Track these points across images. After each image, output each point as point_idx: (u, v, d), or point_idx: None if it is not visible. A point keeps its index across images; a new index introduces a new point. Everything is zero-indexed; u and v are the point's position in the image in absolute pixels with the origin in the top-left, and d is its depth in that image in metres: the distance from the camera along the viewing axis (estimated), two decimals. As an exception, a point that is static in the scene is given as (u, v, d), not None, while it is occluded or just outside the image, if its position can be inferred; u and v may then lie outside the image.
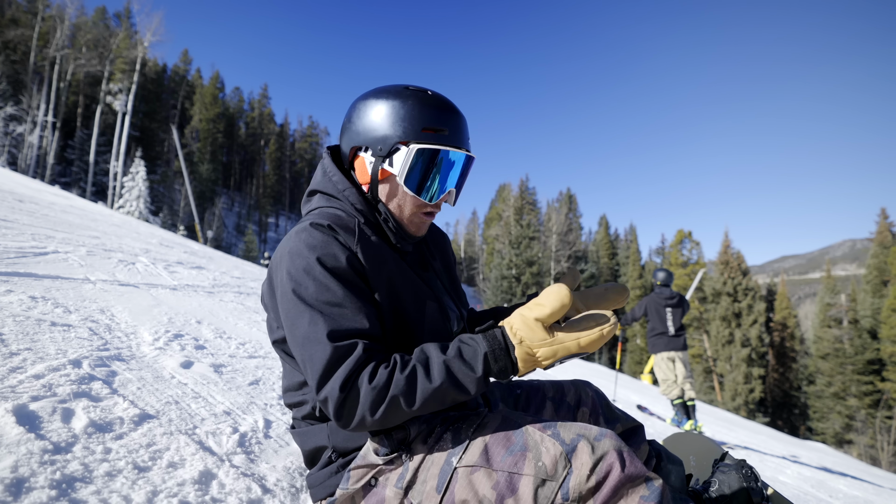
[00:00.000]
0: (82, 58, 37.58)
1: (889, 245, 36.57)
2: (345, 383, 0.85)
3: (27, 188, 9.95)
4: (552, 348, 0.87)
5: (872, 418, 31.68)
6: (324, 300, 0.91)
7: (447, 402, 0.89)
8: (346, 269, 0.94)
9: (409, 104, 1.00)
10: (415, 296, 1.04)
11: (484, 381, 0.89)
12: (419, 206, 1.05)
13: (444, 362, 0.88)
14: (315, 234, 0.95)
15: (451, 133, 1.01)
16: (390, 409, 0.85)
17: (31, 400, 1.20)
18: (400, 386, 0.85)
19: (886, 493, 5.85)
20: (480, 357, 0.88)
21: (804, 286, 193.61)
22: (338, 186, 1.08)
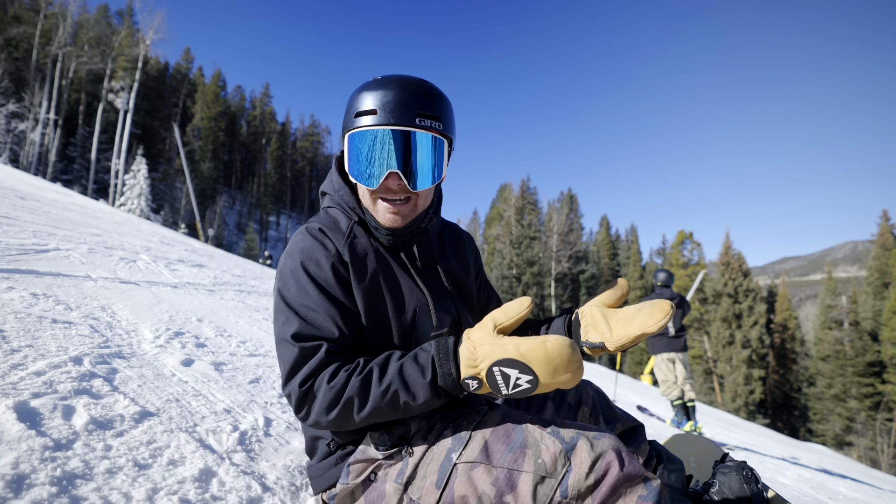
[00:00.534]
0: (84, 55, 37.62)
1: (890, 247, 36.50)
2: (304, 381, 0.90)
3: (29, 185, 9.97)
4: (490, 346, 0.84)
5: (873, 420, 31.63)
6: (300, 302, 0.96)
7: (399, 408, 0.89)
8: (327, 275, 0.98)
9: (353, 95, 1.01)
10: (400, 298, 1.04)
11: (433, 389, 0.87)
12: (372, 194, 1.03)
13: (398, 366, 0.89)
14: (306, 239, 1.01)
15: (382, 111, 0.95)
16: (345, 411, 0.88)
17: (32, 397, 1.20)
18: (355, 387, 0.88)
19: (886, 495, 5.84)
20: (430, 361, 0.88)
21: (805, 288, 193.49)
22: (334, 186, 1.11)
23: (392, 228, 1.05)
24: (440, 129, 0.98)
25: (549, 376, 0.81)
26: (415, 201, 1.03)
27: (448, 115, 1.02)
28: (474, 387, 0.86)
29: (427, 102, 0.97)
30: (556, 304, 42.42)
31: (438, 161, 1.00)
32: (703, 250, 40.80)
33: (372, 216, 1.05)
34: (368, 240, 1.07)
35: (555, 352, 0.80)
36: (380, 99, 0.95)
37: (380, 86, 0.97)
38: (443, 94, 1.02)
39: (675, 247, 42.10)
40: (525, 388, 0.83)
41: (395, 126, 0.95)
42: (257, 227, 57.95)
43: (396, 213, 1.02)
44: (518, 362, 0.82)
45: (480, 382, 0.85)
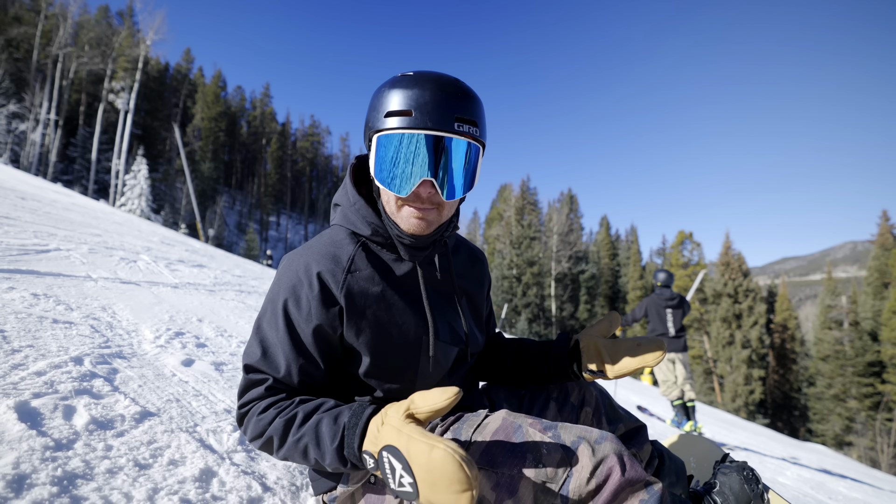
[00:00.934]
0: (85, 56, 37.62)
1: (890, 247, 36.48)
2: (241, 406, 0.96)
3: (29, 186, 9.97)
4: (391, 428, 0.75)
5: (872, 420, 31.61)
6: (267, 335, 0.97)
7: (310, 460, 0.88)
8: (303, 316, 0.95)
9: (381, 91, 0.92)
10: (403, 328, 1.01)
11: (339, 456, 0.83)
12: (399, 201, 0.95)
13: (317, 420, 0.88)
14: (297, 273, 0.97)
15: (418, 114, 0.87)
16: (266, 445, 0.92)
17: (33, 397, 1.20)
18: (277, 429, 0.90)
19: (886, 495, 5.84)
20: (342, 428, 0.84)
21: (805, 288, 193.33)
22: (350, 199, 1.05)
23: (416, 235, 0.98)
24: (476, 135, 0.91)
25: (427, 488, 0.69)
26: (440, 210, 0.97)
27: (483, 118, 0.95)
28: (370, 465, 0.79)
29: (465, 105, 0.89)
30: (556, 304, 42.40)
31: (472, 169, 0.93)
32: (703, 250, 40.80)
33: (395, 223, 0.98)
34: (372, 269, 1.00)
35: (438, 462, 0.67)
36: (414, 99, 0.87)
37: (414, 84, 0.89)
38: (478, 96, 0.95)
39: (674, 247, 42.08)
40: (408, 491, 0.72)
41: (433, 131, 0.87)
42: (257, 227, 57.93)
43: (422, 218, 0.95)
44: (404, 458, 0.71)
45: (376, 462, 0.77)
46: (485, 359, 1.32)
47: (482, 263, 1.29)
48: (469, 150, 0.91)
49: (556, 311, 42.21)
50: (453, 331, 1.09)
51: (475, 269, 1.25)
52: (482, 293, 1.26)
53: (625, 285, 50.04)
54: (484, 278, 1.27)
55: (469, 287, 1.20)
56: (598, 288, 47.32)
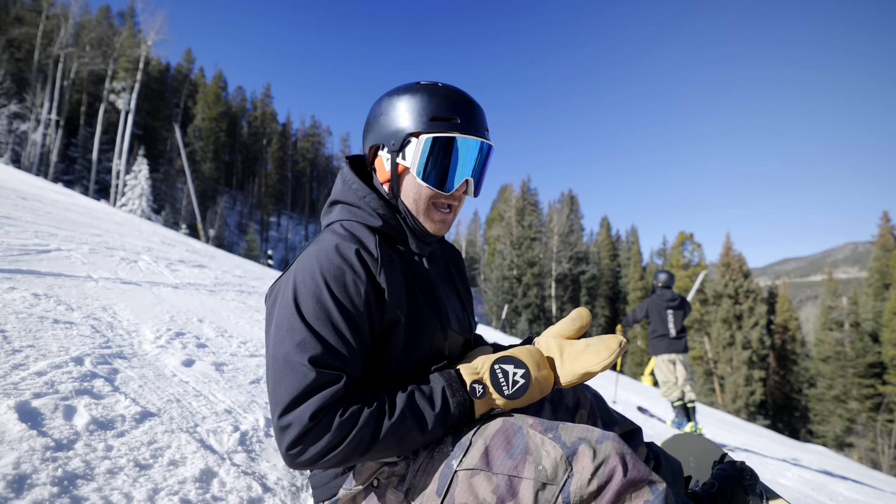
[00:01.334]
0: (86, 56, 37.64)
1: (891, 248, 36.44)
2: (316, 413, 0.82)
3: (30, 186, 9.98)
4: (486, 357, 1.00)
5: (873, 422, 31.56)
6: (323, 326, 0.88)
7: (405, 441, 0.89)
8: (354, 301, 0.91)
9: (419, 96, 1.01)
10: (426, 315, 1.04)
11: (443, 419, 0.91)
12: (434, 198, 1.03)
13: (406, 398, 0.90)
14: (333, 260, 0.92)
15: (463, 121, 0.99)
16: (352, 446, 0.83)
17: (34, 397, 1.20)
18: (370, 421, 0.85)
19: (887, 496, 5.83)
20: (439, 392, 0.92)
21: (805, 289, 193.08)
22: (358, 194, 1.06)
23: (436, 236, 1.09)
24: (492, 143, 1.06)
25: (535, 368, 0.97)
26: (456, 210, 1.08)
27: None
28: (479, 392, 0.94)
29: (484, 116, 1.05)
30: (557, 305, 42.38)
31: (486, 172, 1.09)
32: (704, 251, 40.82)
33: (417, 221, 1.06)
34: (394, 256, 1.02)
35: (535, 350, 1.00)
36: (456, 108, 1.00)
37: (451, 94, 1.01)
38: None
39: (675, 248, 42.06)
40: (521, 383, 0.95)
41: (478, 137, 1.01)
42: (258, 227, 57.94)
43: (444, 220, 1.07)
44: (512, 357, 0.97)
45: (485, 387, 0.95)
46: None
47: (461, 258, 1.35)
48: (490, 156, 1.06)
49: (556, 311, 42.18)
50: (460, 320, 1.15)
51: (458, 264, 1.31)
52: (465, 280, 1.31)
53: (625, 286, 50.01)
54: (463, 266, 1.34)
55: (463, 280, 1.27)
56: (599, 289, 47.31)
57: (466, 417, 0.94)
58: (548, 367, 0.99)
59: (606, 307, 48.47)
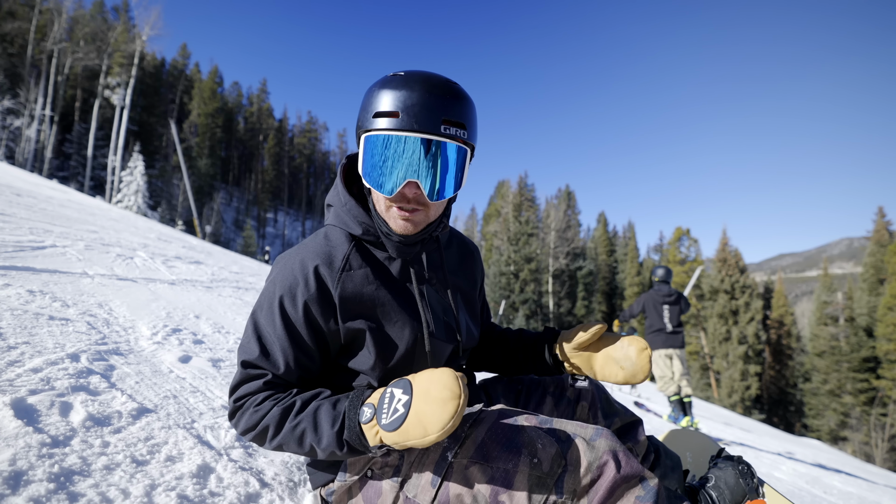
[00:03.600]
0: (80, 51, 37.32)
1: (886, 243, 36.63)
2: (237, 399, 0.96)
3: (25, 182, 9.91)
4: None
5: (867, 415, 31.83)
6: (265, 331, 0.97)
7: (305, 447, 0.89)
8: (299, 315, 0.95)
9: (374, 90, 0.92)
10: (399, 325, 1.01)
11: (337, 440, 0.85)
12: (387, 201, 0.96)
13: (315, 406, 0.90)
14: (294, 273, 0.97)
15: (405, 115, 0.87)
16: (260, 436, 0.92)
17: (29, 393, 1.20)
18: (274, 417, 0.90)
19: (880, 489, 5.89)
20: (342, 412, 0.87)
21: (801, 284, 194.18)
22: (340, 199, 1.06)
23: (404, 235, 0.99)
24: (464, 138, 0.91)
25: (421, 399, 0.77)
26: (426, 211, 0.97)
27: (473, 120, 0.94)
28: (365, 415, 0.82)
29: (452, 107, 0.89)
30: (554, 301, 42.47)
31: (459, 171, 0.93)
32: (700, 247, 40.92)
33: (384, 222, 0.99)
34: (366, 268, 1.01)
35: (437, 374, 0.78)
36: (402, 100, 0.88)
37: (403, 85, 0.89)
38: (468, 97, 0.95)
39: (672, 243, 42.18)
40: (400, 413, 0.78)
41: (418, 133, 0.88)
42: (255, 223, 57.80)
43: (408, 219, 0.96)
44: (406, 381, 0.82)
45: (374, 410, 0.82)
46: (478, 350, 1.34)
47: (474, 257, 1.28)
48: (454, 152, 0.91)
49: (553, 307, 42.28)
50: (448, 327, 1.10)
51: (466, 263, 1.25)
52: (475, 287, 1.26)
53: (622, 282, 50.16)
54: (476, 272, 1.28)
55: (461, 282, 1.20)
56: (596, 284, 47.42)
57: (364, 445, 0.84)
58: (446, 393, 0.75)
59: (603, 303, 48.62)
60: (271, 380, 0.95)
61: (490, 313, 1.40)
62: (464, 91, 0.94)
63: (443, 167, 0.91)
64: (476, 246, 1.33)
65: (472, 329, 1.19)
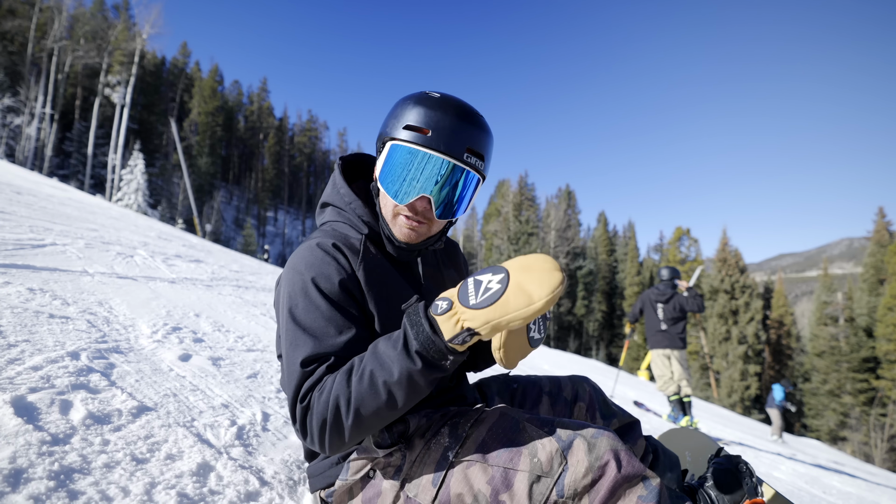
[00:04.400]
0: (80, 49, 37.27)
1: (886, 244, 36.63)
2: (303, 397, 0.87)
3: (25, 180, 9.91)
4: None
5: (867, 416, 31.85)
6: (310, 319, 0.93)
7: (380, 393, 0.81)
8: (338, 290, 0.95)
9: (407, 102, 0.97)
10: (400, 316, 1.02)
11: (406, 356, 0.79)
12: (394, 208, 0.99)
13: (373, 346, 0.86)
14: (316, 254, 0.98)
15: (435, 135, 0.92)
16: (335, 416, 0.83)
17: (30, 391, 1.20)
18: (340, 384, 0.83)
19: (879, 489, 5.89)
20: (401, 331, 0.83)
21: (801, 284, 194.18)
22: (345, 199, 1.08)
23: (406, 243, 1.02)
24: (481, 169, 0.98)
25: (520, 271, 0.75)
26: (430, 225, 1.01)
27: (491, 153, 1.00)
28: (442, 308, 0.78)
29: (477, 139, 0.95)
30: (554, 300, 42.41)
31: (467, 199, 0.99)
32: (700, 246, 40.98)
33: (388, 227, 1.03)
34: (380, 255, 1.06)
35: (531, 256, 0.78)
36: (434, 120, 0.93)
37: (437, 106, 0.94)
38: (491, 132, 1.01)
39: (672, 243, 42.22)
40: (495, 289, 0.75)
41: (444, 155, 0.92)
42: (255, 222, 57.78)
43: (413, 229, 1.00)
44: (493, 266, 0.80)
45: (450, 302, 0.78)
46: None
47: (457, 250, 1.33)
48: (469, 181, 0.97)
49: (553, 307, 42.25)
50: None
51: (454, 257, 1.30)
52: (462, 276, 1.30)
53: (622, 281, 50.15)
54: (459, 261, 1.32)
55: (455, 276, 1.25)
56: (596, 284, 47.44)
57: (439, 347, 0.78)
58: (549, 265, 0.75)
59: (603, 302, 48.62)
60: (333, 363, 0.89)
61: None
62: (488, 125, 1.00)
63: (456, 191, 0.96)
64: (455, 242, 1.37)
65: None
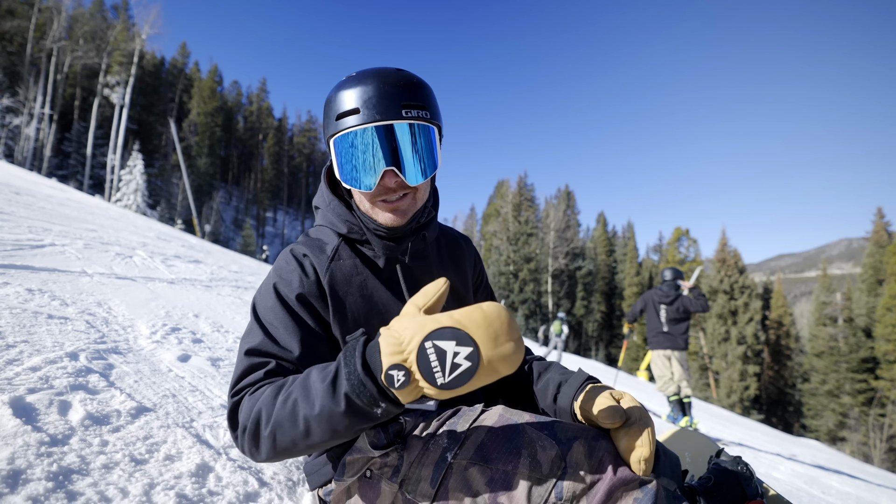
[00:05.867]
0: (79, 50, 37.26)
1: (885, 244, 36.69)
2: (235, 393, 0.87)
3: (24, 181, 9.90)
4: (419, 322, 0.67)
5: (866, 416, 31.89)
6: (267, 318, 0.95)
7: (299, 423, 0.76)
8: (296, 301, 0.96)
9: (330, 96, 0.96)
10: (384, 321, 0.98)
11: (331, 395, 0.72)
12: (370, 197, 0.98)
13: (307, 372, 0.80)
14: (288, 259, 1.01)
15: (365, 109, 0.90)
16: (255, 427, 0.80)
17: (28, 392, 1.19)
18: (266, 399, 0.80)
19: (878, 490, 5.90)
20: (335, 365, 0.75)
21: (800, 284, 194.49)
22: (325, 200, 1.09)
23: (395, 227, 1.00)
24: (427, 118, 0.94)
25: (490, 345, 0.64)
26: (413, 195, 0.99)
27: (432, 101, 0.97)
28: (400, 380, 0.66)
29: (410, 92, 0.93)
30: (553, 301, 42.48)
31: (431, 150, 0.96)
32: (700, 247, 41.06)
33: (371, 219, 1.01)
34: (356, 260, 1.04)
35: (493, 314, 0.66)
36: (360, 96, 0.91)
37: (358, 82, 0.92)
38: (424, 82, 0.98)
39: (671, 243, 42.28)
40: (465, 367, 0.64)
41: (382, 122, 0.90)
42: (254, 222, 57.77)
43: (396, 209, 0.98)
44: (454, 329, 0.65)
45: (408, 372, 0.66)
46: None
47: (462, 250, 1.25)
48: (422, 132, 0.94)
49: (552, 307, 42.31)
50: None
51: (456, 258, 1.23)
52: (468, 285, 1.22)
53: (621, 282, 50.19)
54: (467, 266, 1.23)
55: (452, 281, 1.17)
56: (595, 284, 47.46)
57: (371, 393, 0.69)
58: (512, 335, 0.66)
59: (602, 303, 48.66)
60: (274, 369, 0.89)
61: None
62: (417, 76, 0.97)
63: (414, 149, 0.93)
64: (466, 237, 1.31)
65: None
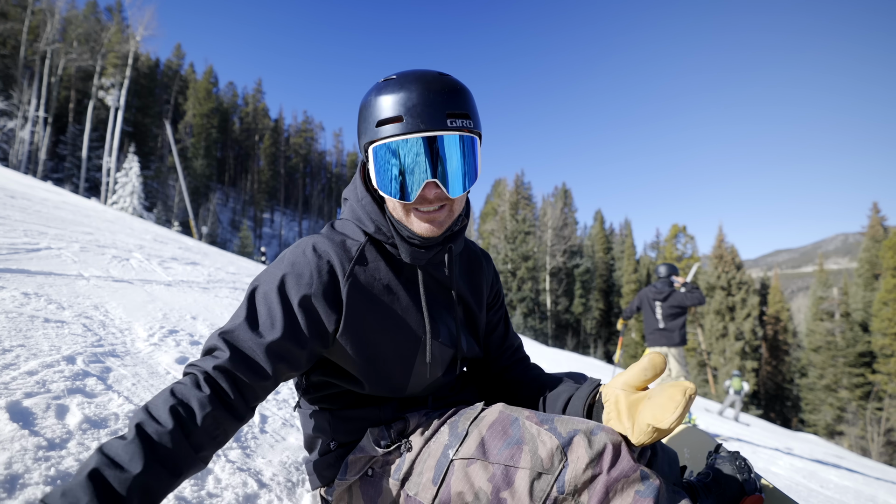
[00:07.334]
0: (73, 52, 37.06)
1: (881, 239, 36.84)
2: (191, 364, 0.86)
3: (19, 184, 9.85)
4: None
5: (863, 410, 32.05)
6: (257, 301, 0.91)
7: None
8: (300, 298, 0.91)
9: (370, 98, 0.91)
10: (402, 328, 0.99)
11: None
12: (406, 207, 0.94)
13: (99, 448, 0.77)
14: (307, 252, 0.95)
15: (409, 117, 0.86)
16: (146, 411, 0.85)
17: (25, 396, 1.19)
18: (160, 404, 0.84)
19: (876, 483, 5.93)
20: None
21: (797, 280, 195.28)
22: (357, 194, 1.04)
23: (430, 238, 0.97)
24: (471, 127, 0.90)
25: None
26: (450, 206, 0.95)
27: (474, 108, 0.93)
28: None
29: (454, 100, 0.88)
30: (552, 299, 42.53)
31: (473, 161, 0.92)
32: (697, 243, 41.19)
33: (405, 226, 0.97)
34: (380, 262, 1.00)
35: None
36: (403, 102, 0.86)
37: (400, 87, 0.87)
38: (466, 88, 0.93)
39: (668, 240, 42.39)
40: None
41: (427, 132, 0.86)
42: (251, 224, 57.63)
43: (432, 220, 0.94)
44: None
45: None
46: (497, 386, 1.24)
47: (482, 266, 1.22)
48: (466, 144, 0.90)
49: (550, 305, 42.37)
50: (451, 334, 1.07)
51: (474, 273, 1.19)
52: (482, 301, 1.19)
53: (619, 279, 50.27)
54: (483, 283, 1.20)
55: (466, 296, 1.15)
56: (593, 282, 47.53)
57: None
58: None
59: (601, 300, 48.73)
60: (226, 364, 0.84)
61: (513, 336, 1.27)
62: (460, 82, 0.93)
63: (458, 160, 0.90)
64: (487, 254, 1.27)
65: (473, 344, 1.15)
